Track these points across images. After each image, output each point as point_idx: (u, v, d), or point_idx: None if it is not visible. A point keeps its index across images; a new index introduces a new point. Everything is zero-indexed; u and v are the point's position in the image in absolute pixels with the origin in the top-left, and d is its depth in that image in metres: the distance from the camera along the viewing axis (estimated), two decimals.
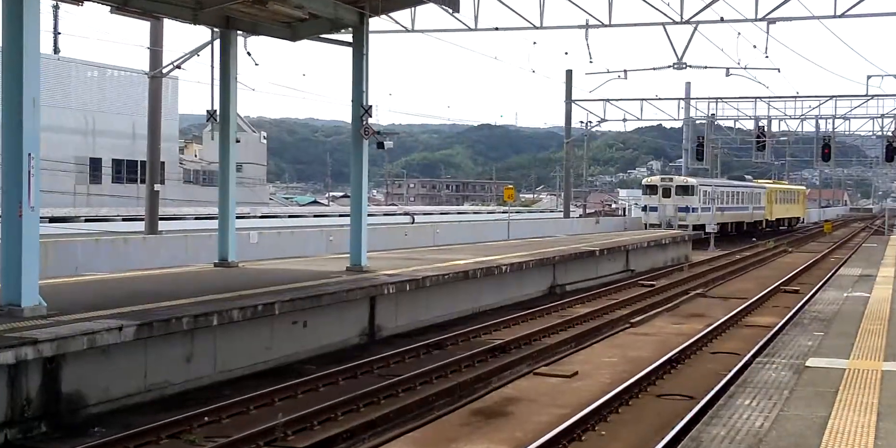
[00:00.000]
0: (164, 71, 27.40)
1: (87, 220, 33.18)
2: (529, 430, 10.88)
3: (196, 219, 37.57)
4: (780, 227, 68.24)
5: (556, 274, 26.06)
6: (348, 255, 19.65)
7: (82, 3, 15.12)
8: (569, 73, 53.95)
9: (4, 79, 11.48)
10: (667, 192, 50.80)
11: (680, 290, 26.81)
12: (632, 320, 19.88)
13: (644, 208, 51.74)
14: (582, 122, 56.64)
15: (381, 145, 20.72)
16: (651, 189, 51.83)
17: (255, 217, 41.55)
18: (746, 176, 66.51)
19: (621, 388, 12.34)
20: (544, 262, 24.59)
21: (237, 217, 20.82)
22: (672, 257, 37.91)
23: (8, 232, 11.56)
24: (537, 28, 26.10)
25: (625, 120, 55.31)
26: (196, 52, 25.54)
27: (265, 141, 79.41)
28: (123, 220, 34.89)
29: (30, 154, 11.49)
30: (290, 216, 44.25)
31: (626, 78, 45.67)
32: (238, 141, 20.44)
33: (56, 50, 52.47)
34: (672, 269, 34.21)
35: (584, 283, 27.50)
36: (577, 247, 28.91)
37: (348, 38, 19.36)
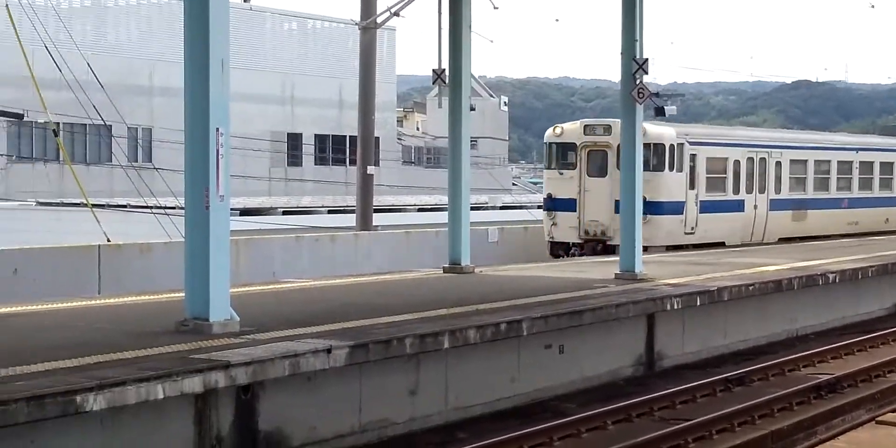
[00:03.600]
0: (379, 20, 28.24)
1: (285, 213, 34.75)
2: None
3: (419, 210, 38.56)
4: None
5: None
6: (617, 259, 19.60)
7: None
8: None
9: (188, 35, 12.10)
10: (597, 163, 27.96)
11: None
12: None
13: (547, 203, 28.76)
14: None
15: (660, 111, 20.66)
16: (562, 153, 28.75)
17: (494, 208, 42.18)
18: None
19: None
20: (891, 268, 23.61)
21: (472, 208, 21.18)
22: None
23: (193, 228, 12.18)
24: None
25: None
26: None
27: (506, 108, 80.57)
28: (329, 211, 36.28)
29: (218, 129, 12.05)
30: (539, 207, 44.54)
31: None
32: (473, 109, 20.83)
33: None
34: None
35: None
36: None
37: None
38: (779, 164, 30.66)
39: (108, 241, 22.68)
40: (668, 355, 17.51)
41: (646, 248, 24.82)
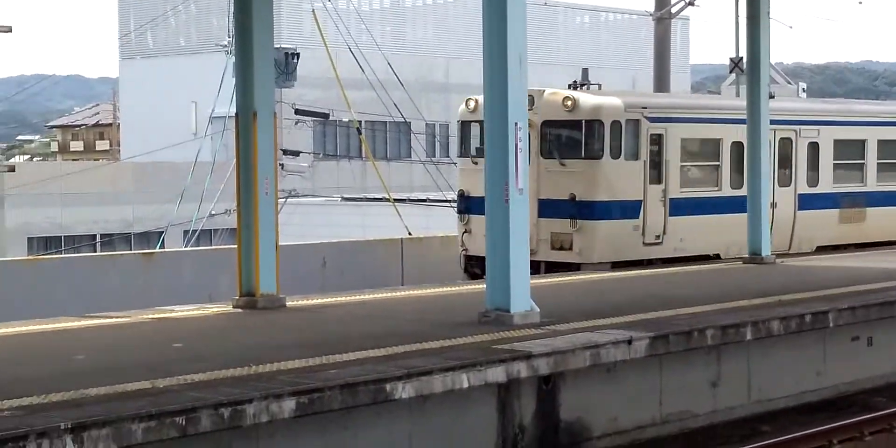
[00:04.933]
0: (674, 10, 27.99)
1: None
2: None
3: None
4: None
5: None
6: None
7: None
8: None
9: (487, 32, 12.33)
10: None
11: None
12: None
13: (460, 202, 20.63)
14: None
15: None
16: (478, 135, 20.15)
17: None
18: None
19: None
20: None
21: None
22: None
23: (493, 221, 12.42)
24: None
25: None
26: None
27: (804, 95, 78.17)
28: None
29: (517, 123, 12.27)
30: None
31: None
32: (772, 97, 20.32)
33: None
34: None
35: None
36: None
37: None
38: (814, 145, 22.32)
39: (410, 234, 23.35)
40: None
41: (577, 266, 19.00)
